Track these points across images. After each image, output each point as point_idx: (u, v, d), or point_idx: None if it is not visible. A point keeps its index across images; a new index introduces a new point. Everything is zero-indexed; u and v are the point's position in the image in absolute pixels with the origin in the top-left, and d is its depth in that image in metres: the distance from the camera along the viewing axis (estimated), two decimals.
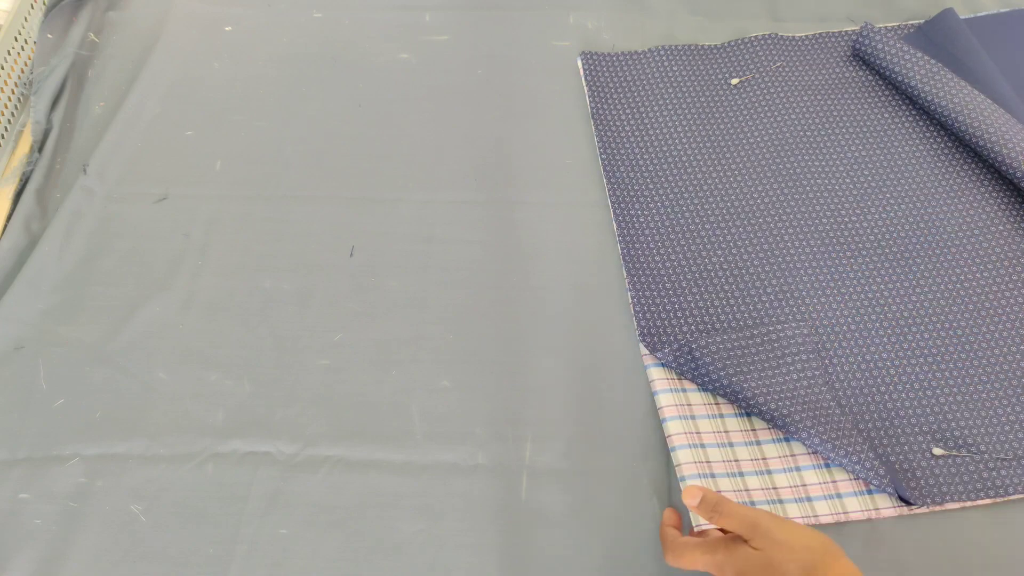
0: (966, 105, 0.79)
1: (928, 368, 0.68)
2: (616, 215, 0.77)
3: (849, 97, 0.85)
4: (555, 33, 0.91)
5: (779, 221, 0.77)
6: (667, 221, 0.77)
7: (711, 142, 0.82)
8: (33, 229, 0.77)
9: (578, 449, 0.65)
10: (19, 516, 0.62)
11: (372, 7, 0.94)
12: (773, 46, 0.90)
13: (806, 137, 0.82)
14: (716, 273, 0.74)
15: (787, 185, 0.79)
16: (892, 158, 0.80)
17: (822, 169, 0.80)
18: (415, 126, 0.84)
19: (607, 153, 0.82)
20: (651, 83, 0.87)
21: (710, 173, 0.80)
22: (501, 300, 0.73)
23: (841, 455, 0.61)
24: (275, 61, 0.90)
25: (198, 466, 0.64)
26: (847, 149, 0.81)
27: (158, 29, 0.93)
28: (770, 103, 0.85)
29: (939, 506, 0.62)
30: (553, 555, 0.60)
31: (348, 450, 0.65)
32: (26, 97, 0.87)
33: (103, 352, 0.69)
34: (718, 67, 0.88)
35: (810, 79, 0.87)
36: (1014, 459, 0.63)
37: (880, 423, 0.65)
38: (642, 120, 0.84)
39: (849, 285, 0.72)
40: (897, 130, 0.83)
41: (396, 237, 0.76)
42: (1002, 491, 0.62)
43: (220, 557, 0.60)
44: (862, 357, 0.69)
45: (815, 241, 0.75)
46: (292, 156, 0.82)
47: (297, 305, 0.72)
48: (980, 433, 0.65)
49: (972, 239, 0.75)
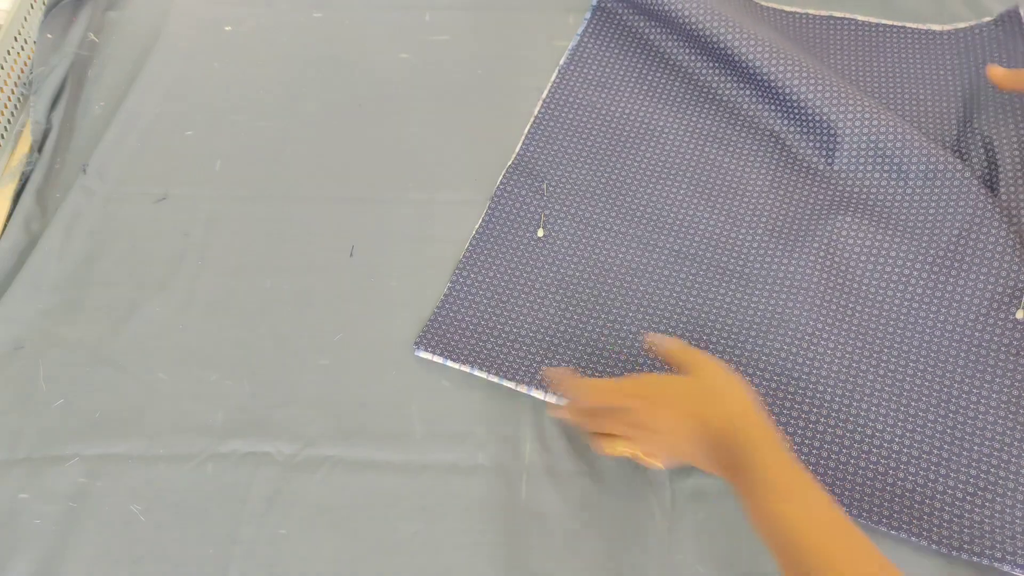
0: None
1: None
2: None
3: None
4: (555, 33, 0.91)
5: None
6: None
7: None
8: (33, 229, 0.77)
9: (578, 449, 0.64)
10: (19, 516, 0.62)
11: (372, 7, 0.94)
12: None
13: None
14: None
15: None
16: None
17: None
18: (415, 126, 0.84)
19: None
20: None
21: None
22: None
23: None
24: (275, 61, 0.90)
25: (198, 466, 0.64)
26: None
27: (158, 29, 0.93)
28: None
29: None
30: (553, 555, 0.60)
31: (348, 450, 0.65)
32: (26, 97, 0.87)
33: (103, 352, 0.69)
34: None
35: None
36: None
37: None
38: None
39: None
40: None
41: (396, 237, 0.76)
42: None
43: (219, 557, 0.60)
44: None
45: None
46: (292, 156, 0.82)
47: (297, 305, 0.72)
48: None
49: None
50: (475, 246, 0.75)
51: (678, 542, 0.60)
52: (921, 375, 0.66)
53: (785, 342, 0.67)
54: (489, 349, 0.68)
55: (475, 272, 0.73)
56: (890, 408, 0.64)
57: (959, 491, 0.60)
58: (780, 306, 0.69)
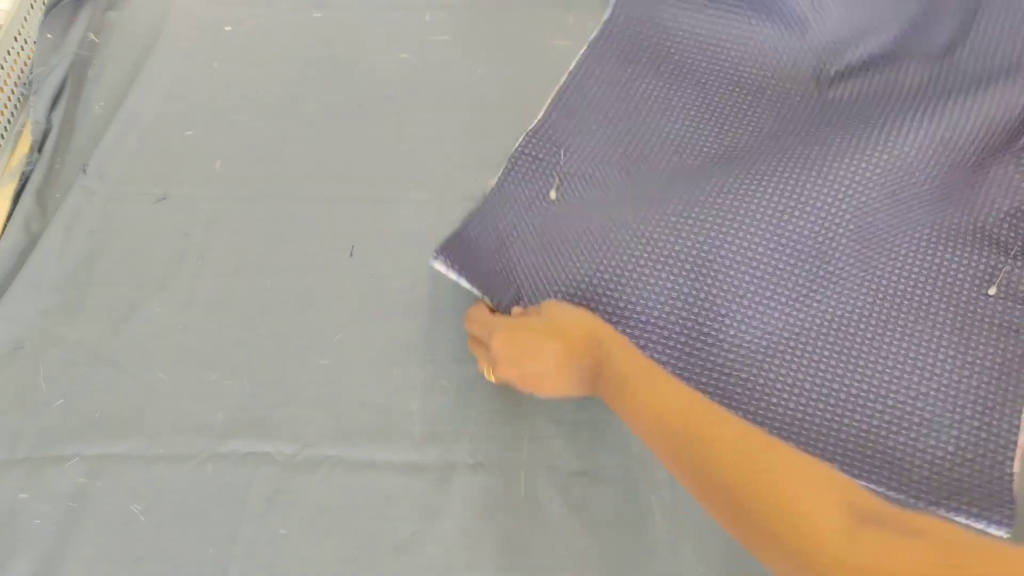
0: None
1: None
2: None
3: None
4: (555, 33, 0.91)
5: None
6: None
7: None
8: (33, 229, 0.77)
9: (578, 449, 0.65)
10: (19, 516, 0.62)
11: (372, 7, 0.94)
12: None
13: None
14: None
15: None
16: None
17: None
18: (415, 126, 0.84)
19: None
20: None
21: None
22: None
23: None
24: (275, 61, 0.90)
25: (198, 466, 0.64)
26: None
27: (158, 29, 0.93)
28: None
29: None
30: (553, 555, 0.60)
31: (348, 450, 0.65)
32: (26, 97, 0.87)
33: (103, 352, 0.69)
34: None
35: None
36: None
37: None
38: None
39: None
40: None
41: (396, 237, 0.76)
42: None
43: (219, 557, 0.60)
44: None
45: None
46: (292, 156, 0.82)
47: (297, 305, 0.72)
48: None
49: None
50: (490, 200, 0.77)
51: (678, 542, 0.60)
52: (908, 338, 0.67)
53: (779, 301, 0.68)
54: (495, 283, 0.70)
55: (487, 219, 0.75)
56: (876, 368, 0.66)
57: (939, 451, 0.62)
58: (774, 266, 0.70)
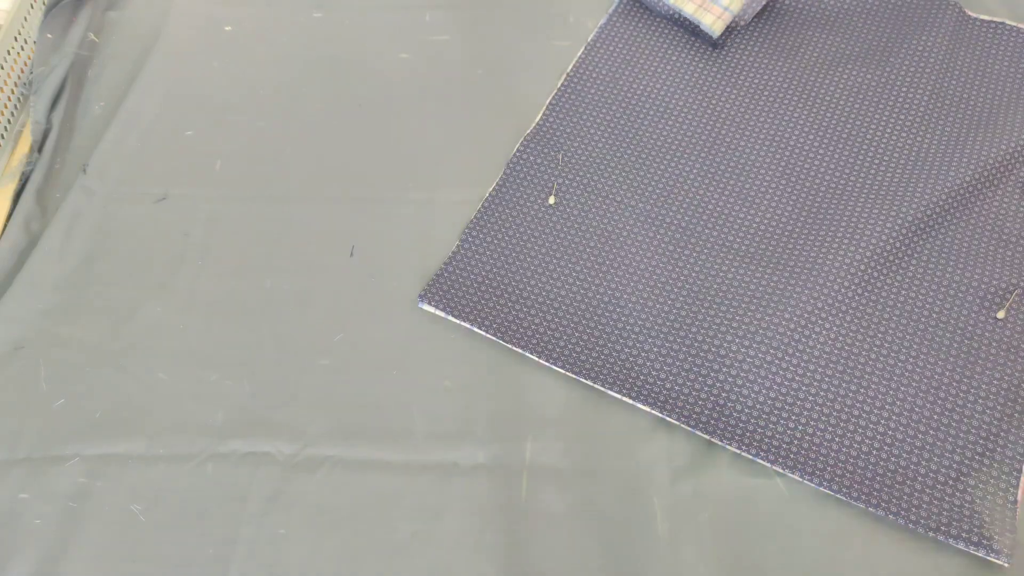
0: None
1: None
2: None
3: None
4: (555, 33, 0.91)
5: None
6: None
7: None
8: (33, 229, 0.77)
9: (578, 449, 0.65)
10: (19, 516, 0.62)
11: (372, 7, 0.94)
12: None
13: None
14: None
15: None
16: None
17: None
18: (415, 126, 0.84)
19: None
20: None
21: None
22: None
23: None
24: (275, 61, 0.90)
25: (198, 466, 0.64)
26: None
27: (158, 29, 0.93)
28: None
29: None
30: (553, 555, 0.60)
31: (348, 450, 0.65)
32: (26, 97, 0.87)
33: (103, 352, 0.69)
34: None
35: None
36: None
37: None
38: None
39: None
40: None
41: (396, 237, 0.76)
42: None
43: (219, 557, 0.60)
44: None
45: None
46: (292, 156, 0.82)
47: (297, 305, 0.72)
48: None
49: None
50: (486, 208, 0.76)
51: (678, 542, 0.60)
52: (913, 361, 0.67)
53: (783, 319, 0.68)
54: (491, 309, 0.70)
55: (484, 233, 0.75)
56: (879, 391, 0.66)
57: (940, 475, 0.62)
58: (780, 285, 0.70)
